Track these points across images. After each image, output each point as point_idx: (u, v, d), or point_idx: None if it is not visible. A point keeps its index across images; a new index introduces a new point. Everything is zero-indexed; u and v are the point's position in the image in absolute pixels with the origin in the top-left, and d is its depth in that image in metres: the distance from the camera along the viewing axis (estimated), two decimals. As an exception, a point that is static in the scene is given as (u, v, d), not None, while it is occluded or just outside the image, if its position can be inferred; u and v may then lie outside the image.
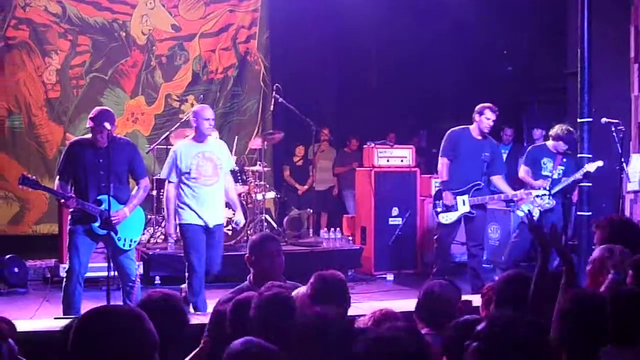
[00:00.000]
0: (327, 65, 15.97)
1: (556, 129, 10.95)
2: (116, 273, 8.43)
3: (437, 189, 10.60)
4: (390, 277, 11.95)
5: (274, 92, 12.90)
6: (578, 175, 10.80)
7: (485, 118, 10.38)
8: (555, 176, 10.93)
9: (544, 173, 10.91)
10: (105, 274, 8.51)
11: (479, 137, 10.50)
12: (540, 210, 10.75)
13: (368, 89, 16.23)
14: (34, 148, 14.34)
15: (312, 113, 13.24)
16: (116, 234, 8.15)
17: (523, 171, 11.08)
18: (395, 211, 12.51)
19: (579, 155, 10.66)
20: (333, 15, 15.11)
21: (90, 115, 8.24)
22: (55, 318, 7.76)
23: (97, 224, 8.11)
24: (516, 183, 12.08)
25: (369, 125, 15.00)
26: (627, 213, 11.49)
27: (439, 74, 16.45)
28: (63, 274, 10.62)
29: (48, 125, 14.47)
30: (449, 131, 10.72)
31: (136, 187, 8.55)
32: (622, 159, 10.37)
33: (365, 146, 12.94)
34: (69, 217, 8.39)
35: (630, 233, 6.26)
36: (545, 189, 10.79)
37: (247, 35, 15.93)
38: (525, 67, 15.27)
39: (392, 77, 16.13)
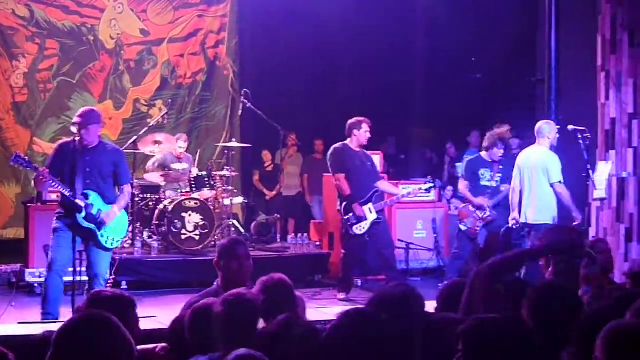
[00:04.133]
0: (296, 70, 15.96)
1: (488, 138, 11.22)
2: (82, 278, 8.39)
3: (344, 204, 10.75)
4: (357, 282, 11.94)
5: (242, 98, 12.89)
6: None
7: (364, 131, 10.83)
8: (494, 184, 11.14)
9: (483, 183, 11.19)
10: (70, 278, 8.43)
11: (358, 150, 10.94)
12: (482, 223, 11.04)
13: (337, 95, 16.24)
14: (1, 151, 14.23)
15: (281, 119, 13.23)
16: (99, 229, 8.23)
17: (462, 185, 11.39)
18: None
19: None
20: (302, 21, 15.11)
21: (78, 113, 8.40)
22: (19, 323, 7.69)
23: (82, 216, 8.18)
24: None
25: (338, 130, 15.00)
26: (593, 221, 11.55)
27: (408, 81, 16.51)
28: (29, 278, 10.66)
29: (15, 128, 14.37)
30: (332, 149, 11.04)
31: (119, 191, 8.66)
32: (589, 167, 10.44)
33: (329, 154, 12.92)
34: (55, 216, 8.43)
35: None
36: (430, 182, 11.12)
37: (216, 40, 15.91)
38: (494, 74, 15.35)
39: (361, 83, 16.15)
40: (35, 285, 10.65)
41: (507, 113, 15.24)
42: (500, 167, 11.23)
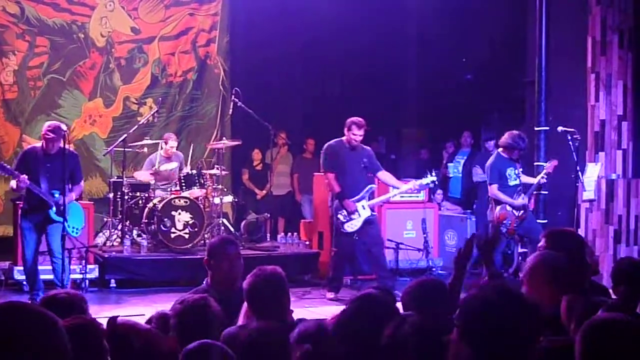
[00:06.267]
0: (287, 69, 15.96)
1: (507, 138, 11.01)
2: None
3: (335, 202, 10.85)
4: (347, 281, 11.94)
5: (233, 96, 12.88)
6: (541, 177, 10.89)
7: (352, 134, 10.80)
8: (518, 182, 10.97)
9: (511, 183, 10.95)
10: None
11: (352, 148, 10.90)
12: (518, 221, 10.86)
13: (328, 95, 16.26)
14: (-10, 149, 14.21)
15: (272, 117, 13.23)
16: (67, 221, 9.64)
17: (494, 189, 11.03)
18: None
19: (535, 164, 10.74)
20: (294, 20, 15.12)
21: (49, 128, 9.74)
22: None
23: (54, 211, 9.64)
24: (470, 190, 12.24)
25: (328, 130, 15.01)
26: (582, 222, 11.58)
27: (399, 81, 16.53)
28: (17, 276, 10.67)
29: (4, 126, 14.32)
30: (326, 146, 11.12)
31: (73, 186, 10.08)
32: (578, 168, 10.46)
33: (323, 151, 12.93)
34: (19, 212, 10.15)
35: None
36: (432, 175, 11.01)
37: (207, 38, 15.88)
38: (484, 75, 15.35)
39: (352, 84, 16.17)
40: (24, 283, 10.62)
41: (497, 114, 15.30)
42: (519, 162, 11.09)
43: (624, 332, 3.36)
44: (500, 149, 11.13)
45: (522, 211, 10.90)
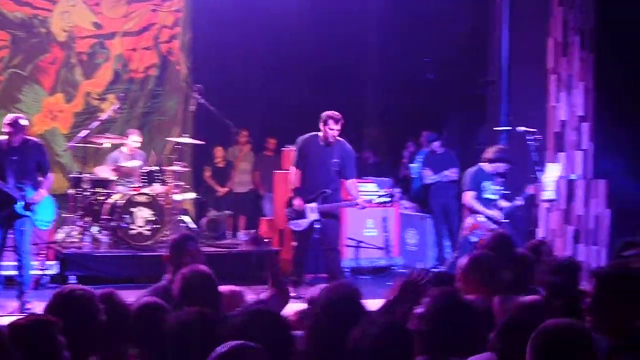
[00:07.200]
0: (250, 67, 15.93)
1: (493, 152, 10.70)
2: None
3: (289, 197, 10.69)
4: (307, 279, 11.93)
5: (195, 93, 12.85)
6: (518, 201, 10.68)
7: (328, 128, 10.33)
8: (496, 197, 10.74)
9: (485, 196, 10.71)
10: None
11: (328, 143, 10.47)
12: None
13: (291, 92, 16.22)
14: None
15: (234, 115, 13.21)
16: (34, 214, 9.54)
17: (470, 196, 10.70)
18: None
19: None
20: (257, 17, 15.09)
21: (8, 121, 9.54)
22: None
23: (21, 205, 9.45)
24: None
25: (291, 127, 15.00)
26: (541, 222, 11.66)
27: (360, 81, 16.54)
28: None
29: (-36, 120, 14.21)
30: (298, 139, 10.74)
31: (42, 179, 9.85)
32: (537, 168, 10.51)
33: (284, 149, 12.93)
34: None
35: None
36: (387, 196, 10.84)
37: (169, 35, 15.83)
38: (446, 75, 15.38)
39: (314, 82, 16.15)
40: None
41: (458, 113, 15.36)
42: (500, 179, 10.75)
43: (571, 339, 3.40)
44: (483, 163, 10.83)
45: (492, 225, 10.67)
